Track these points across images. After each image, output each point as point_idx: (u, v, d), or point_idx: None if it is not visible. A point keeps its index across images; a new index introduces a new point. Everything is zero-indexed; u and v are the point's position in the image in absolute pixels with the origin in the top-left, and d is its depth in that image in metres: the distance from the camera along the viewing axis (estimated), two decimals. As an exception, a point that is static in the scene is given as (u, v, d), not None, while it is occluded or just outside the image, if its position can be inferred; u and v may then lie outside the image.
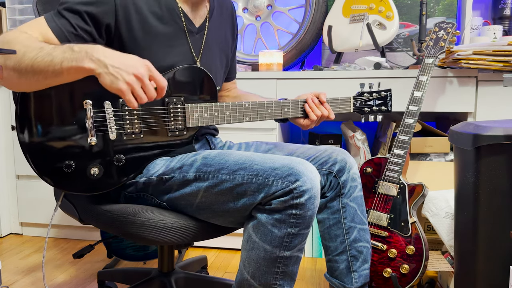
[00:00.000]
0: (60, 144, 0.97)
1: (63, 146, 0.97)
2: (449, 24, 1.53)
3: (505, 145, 1.06)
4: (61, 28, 0.97)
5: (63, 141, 0.97)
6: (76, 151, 0.98)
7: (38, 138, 0.95)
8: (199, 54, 1.16)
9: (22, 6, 2.12)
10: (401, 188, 1.43)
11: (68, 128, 0.97)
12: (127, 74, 0.84)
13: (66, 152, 0.97)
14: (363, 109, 1.29)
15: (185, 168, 1.02)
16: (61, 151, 0.97)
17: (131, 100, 0.85)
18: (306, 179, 0.91)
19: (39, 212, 2.14)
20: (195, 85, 1.10)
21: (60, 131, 0.97)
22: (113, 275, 1.56)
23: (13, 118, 2.13)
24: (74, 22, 0.98)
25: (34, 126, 0.95)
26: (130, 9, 1.03)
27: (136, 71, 0.84)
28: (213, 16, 1.21)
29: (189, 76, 1.09)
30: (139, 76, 0.85)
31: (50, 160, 0.96)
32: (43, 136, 0.96)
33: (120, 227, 1.02)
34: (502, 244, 1.10)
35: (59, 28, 0.96)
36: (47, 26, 0.96)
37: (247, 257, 0.96)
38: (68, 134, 0.97)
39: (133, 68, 0.84)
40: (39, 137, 0.96)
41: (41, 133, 0.96)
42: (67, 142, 0.97)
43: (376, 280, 1.44)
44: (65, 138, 0.97)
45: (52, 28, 0.96)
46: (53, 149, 0.96)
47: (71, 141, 0.98)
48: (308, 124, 1.21)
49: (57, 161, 0.97)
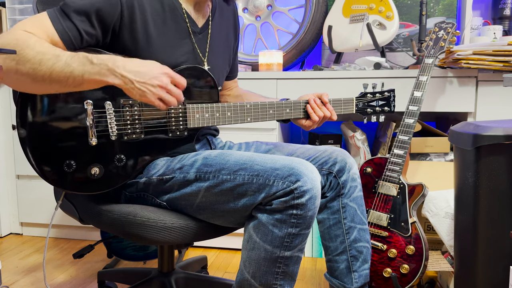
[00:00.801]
0: (61, 143, 0.97)
1: (64, 146, 0.97)
2: (449, 24, 1.53)
3: (505, 145, 1.06)
4: (67, 32, 0.95)
5: (64, 141, 0.97)
6: (76, 151, 0.98)
7: (39, 138, 0.95)
8: (206, 54, 1.16)
9: (22, 6, 2.12)
10: (401, 188, 1.43)
11: (69, 128, 0.97)
12: (153, 87, 0.90)
13: (66, 152, 0.97)
14: (366, 110, 1.28)
15: (186, 168, 1.02)
16: (62, 151, 0.97)
17: (160, 106, 0.93)
18: (306, 179, 0.91)
19: (39, 212, 2.14)
20: (196, 85, 1.10)
21: (61, 131, 0.97)
22: (113, 275, 1.56)
23: (13, 118, 2.13)
24: (81, 27, 0.96)
25: (35, 125, 0.95)
26: (135, 9, 1.03)
27: (160, 82, 0.91)
28: (215, 16, 1.21)
29: (190, 77, 1.09)
30: (163, 86, 0.91)
31: (51, 160, 0.96)
32: (44, 135, 0.96)
33: (120, 227, 1.02)
34: (502, 244, 1.10)
35: (65, 32, 0.95)
36: (52, 28, 0.94)
37: (247, 257, 0.96)
38: (69, 134, 0.97)
39: (157, 79, 0.90)
40: (40, 136, 0.95)
41: (42, 132, 0.95)
42: (68, 142, 0.97)
43: (376, 280, 1.44)
44: (66, 138, 0.97)
45: (58, 31, 0.94)
46: (54, 149, 0.96)
47: (72, 141, 0.98)
48: (310, 125, 1.21)
49: (58, 160, 0.97)
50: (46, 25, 0.94)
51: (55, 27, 0.95)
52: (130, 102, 1.02)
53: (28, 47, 0.88)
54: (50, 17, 0.95)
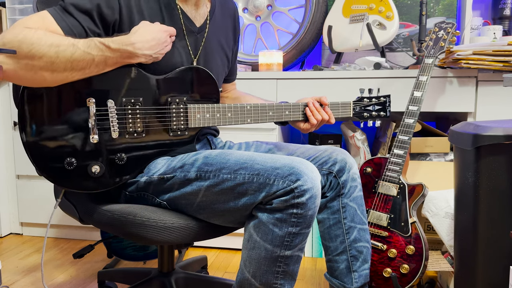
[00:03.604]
0: (61, 141, 0.97)
1: (65, 143, 0.97)
2: (449, 24, 1.53)
3: (505, 145, 1.06)
4: (72, 29, 0.95)
5: (65, 138, 0.97)
6: (77, 148, 0.98)
7: (39, 135, 0.95)
8: (197, 54, 1.16)
9: (22, 6, 2.12)
10: (401, 188, 1.43)
11: (70, 125, 0.97)
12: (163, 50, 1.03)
13: (67, 150, 0.97)
14: (363, 114, 1.30)
15: (186, 168, 1.02)
16: (63, 148, 0.97)
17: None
18: (307, 178, 0.91)
19: (39, 212, 2.13)
20: (198, 85, 1.10)
21: (62, 128, 0.97)
22: (113, 275, 1.56)
23: (13, 117, 2.13)
24: (85, 25, 0.97)
25: (36, 122, 0.95)
26: (133, 10, 1.03)
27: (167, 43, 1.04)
28: (214, 16, 1.21)
29: (192, 77, 1.09)
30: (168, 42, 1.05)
31: (51, 157, 0.96)
32: (45, 132, 0.95)
33: (120, 227, 1.02)
34: (502, 244, 1.10)
35: (70, 29, 0.95)
36: (56, 24, 0.94)
37: (248, 256, 0.96)
38: (70, 132, 0.97)
39: (165, 43, 1.03)
40: (41, 133, 0.95)
41: (43, 129, 0.95)
42: (69, 139, 0.97)
43: (376, 280, 1.44)
44: (67, 136, 0.97)
45: (62, 28, 0.94)
46: (55, 146, 0.96)
47: (73, 138, 0.98)
48: (308, 128, 1.21)
49: (58, 158, 0.97)
50: (49, 22, 0.94)
51: (59, 24, 0.94)
52: (132, 101, 1.02)
53: (37, 42, 0.87)
54: (52, 14, 0.95)
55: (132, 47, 0.96)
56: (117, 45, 0.95)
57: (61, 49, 0.89)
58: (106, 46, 0.94)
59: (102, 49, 0.94)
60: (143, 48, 0.98)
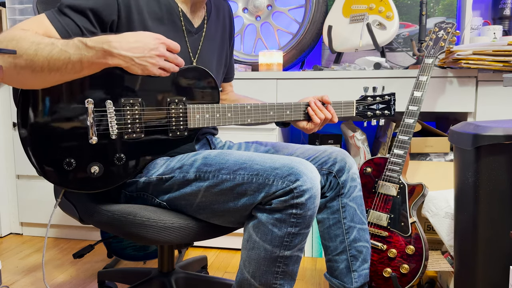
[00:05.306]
0: (61, 141, 0.97)
1: (64, 144, 0.97)
2: (449, 24, 1.53)
3: (505, 145, 1.06)
4: (66, 29, 0.96)
5: (64, 139, 0.97)
6: (76, 149, 0.98)
7: (39, 135, 0.95)
8: (196, 54, 1.16)
9: (22, 6, 2.12)
10: (401, 188, 1.43)
11: (69, 126, 0.97)
12: (152, 59, 0.95)
13: (66, 150, 0.97)
14: (366, 113, 1.28)
15: (186, 168, 1.02)
16: (62, 149, 0.97)
17: (162, 74, 0.98)
18: (306, 178, 0.91)
19: (39, 212, 2.14)
20: (197, 85, 1.10)
21: (61, 129, 0.97)
22: (113, 275, 1.56)
23: (13, 117, 2.13)
24: (80, 24, 0.97)
25: (35, 123, 0.95)
26: (132, 9, 1.03)
27: (158, 52, 0.95)
28: (211, 18, 1.22)
29: (192, 77, 1.09)
30: (162, 54, 0.96)
31: (50, 158, 0.96)
32: (44, 133, 0.96)
33: (120, 227, 1.03)
34: (502, 244, 1.10)
35: (64, 29, 0.96)
36: (51, 26, 0.95)
37: (247, 256, 0.96)
38: (69, 132, 0.97)
39: (154, 51, 0.95)
40: (40, 134, 0.95)
41: (42, 130, 0.95)
42: (68, 140, 0.97)
43: (376, 280, 1.44)
44: (66, 136, 0.97)
45: (57, 28, 0.95)
46: (54, 147, 0.96)
47: (72, 139, 0.98)
48: (311, 127, 1.20)
49: (57, 158, 0.97)
50: (45, 25, 0.95)
51: (53, 25, 0.95)
52: (131, 102, 1.02)
53: (22, 40, 0.88)
54: (47, 16, 0.96)
55: (108, 45, 0.90)
56: (93, 42, 0.90)
57: (40, 47, 0.88)
58: (83, 44, 0.90)
59: (80, 47, 0.89)
60: (120, 48, 0.91)
